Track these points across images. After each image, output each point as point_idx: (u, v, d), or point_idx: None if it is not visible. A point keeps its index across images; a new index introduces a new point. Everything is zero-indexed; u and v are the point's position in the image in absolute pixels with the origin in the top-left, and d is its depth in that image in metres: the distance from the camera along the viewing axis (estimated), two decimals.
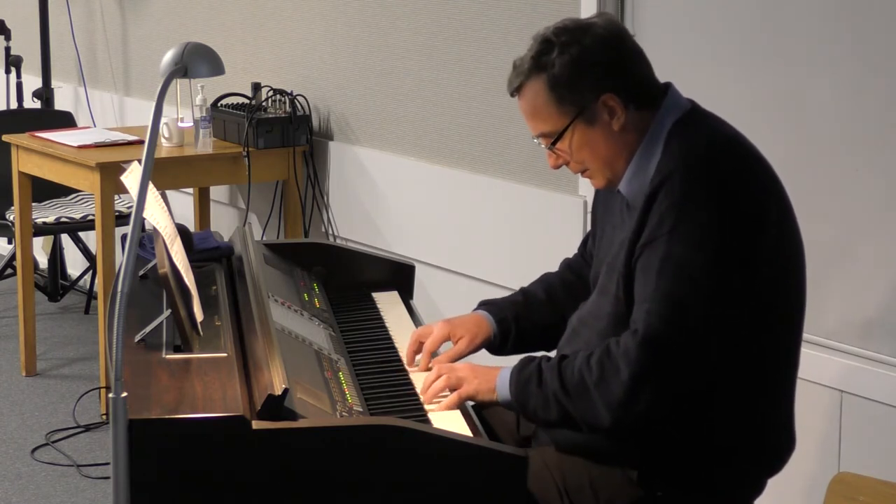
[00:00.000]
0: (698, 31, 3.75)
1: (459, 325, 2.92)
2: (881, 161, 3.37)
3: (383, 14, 4.84)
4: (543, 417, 2.59)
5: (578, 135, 2.61)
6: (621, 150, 2.62)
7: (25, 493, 4.43)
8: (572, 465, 2.64)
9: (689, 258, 2.47)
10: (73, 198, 5.86)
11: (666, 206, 2.49)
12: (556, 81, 2.58)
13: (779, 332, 2.61)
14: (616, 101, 2.58)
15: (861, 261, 3.42)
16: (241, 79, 5.40)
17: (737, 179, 2.54)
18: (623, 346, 2.49)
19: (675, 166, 2.52)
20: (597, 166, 2.65)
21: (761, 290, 2.53)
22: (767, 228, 2.53)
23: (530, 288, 2.98)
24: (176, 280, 2.67)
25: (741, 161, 2.58)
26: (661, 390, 2.48)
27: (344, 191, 5.10)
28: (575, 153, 2.63)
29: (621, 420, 2.49)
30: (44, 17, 6.21)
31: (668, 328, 2.46)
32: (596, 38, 2.59)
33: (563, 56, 2.57)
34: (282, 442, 2.40)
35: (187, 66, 2.62)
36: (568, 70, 2.57)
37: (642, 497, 2.60)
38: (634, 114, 2.61)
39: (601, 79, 2.58)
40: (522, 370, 2.62)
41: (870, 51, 3.36)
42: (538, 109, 2.62)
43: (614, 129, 2.60)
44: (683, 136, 2.58)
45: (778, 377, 2.64)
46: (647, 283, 2.50)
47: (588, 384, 2.51)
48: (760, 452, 2.63)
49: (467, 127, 4.55)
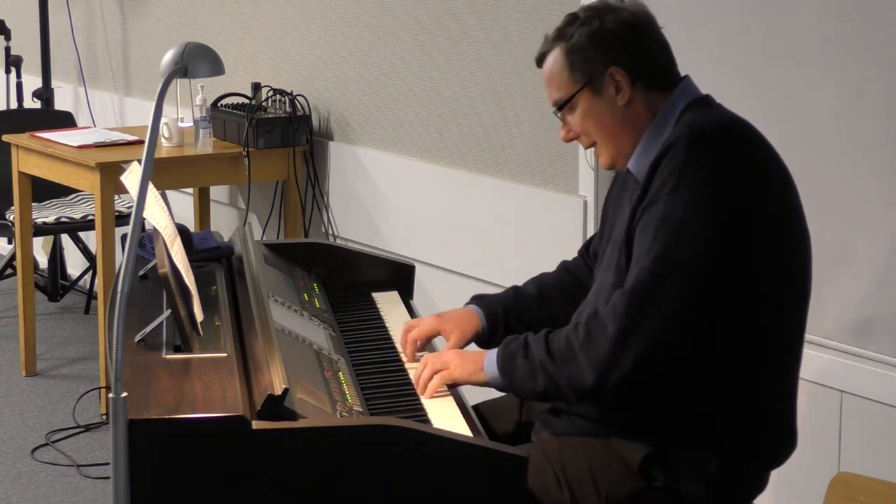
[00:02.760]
0: (699, 30, 3.75)
1: (449, 318, 2.96)
2: (881, 161, 3.37)
3: (383, 14, 4.84)
4: (531, 388, 2.61)
5: (585, 104, 2.68)
6: (626, 126, 2.67)
7: (25, 493, 4.43)
8: (572, 457, 2.65)
9: (686, 218, 2.50)
10: (73, 198, 5.86)
11: (669, 170, 2.53)
12: (572, 49, 2.68)
13: (779, 321, 2.61)
14: (623, 75, 2.65)
15: (861, 261, 3.42)
16: (241, 79, 5.41)
17: (742, 149, 2.58)
18: (611, 304, 2.51)
19: (681, 133, 2.57)
20: (601, 140, 2.70)
21: (759, 272, 2.54)
22: (769, 201, 2.55)
23: (523, 286, 3.02)
24: (176, 280, 2.67)
25: (747, 137, 2.62)
26: (646, 346, 2.48)
27: (344, 191, 5.10)
28: (581, 123, 2.70)
29: (606, 377, 2.50)
30: (44, 17, 6.21)
31: (656, 283, 2.48)
32: (619, 17, 2.69)
33: (583, 28, 2.68)
34: (282, 442, 2.40)
35: (187, 66, 2.62)
36: (584, 40, 2.67)
37: (642, 487, 2.61)
38: (643, 92, 2.67)
39: (612, 53, 2.66)
40: (509, 345, 2.66)
41: (871, 51, 3.36)
42: (553, 76, 2.71)
43: (619, 104, 2.66)
44: (695, 113, 2.63)
45: (778, 369, 2.64)
46: (643, 242, 2.53)
47: (574, 346, 2.53)
48: (760, 445, 2.64)
49: (467, 127, 4.55)
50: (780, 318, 2.61)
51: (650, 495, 2.62)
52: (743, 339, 2.57)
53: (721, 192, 2.51)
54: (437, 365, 2.74)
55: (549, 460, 2.66)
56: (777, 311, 2.60)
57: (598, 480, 2.63)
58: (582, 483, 2.63)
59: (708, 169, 2.52)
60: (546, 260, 3.29)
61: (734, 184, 2.52)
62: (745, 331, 2.57)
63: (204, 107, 5.13)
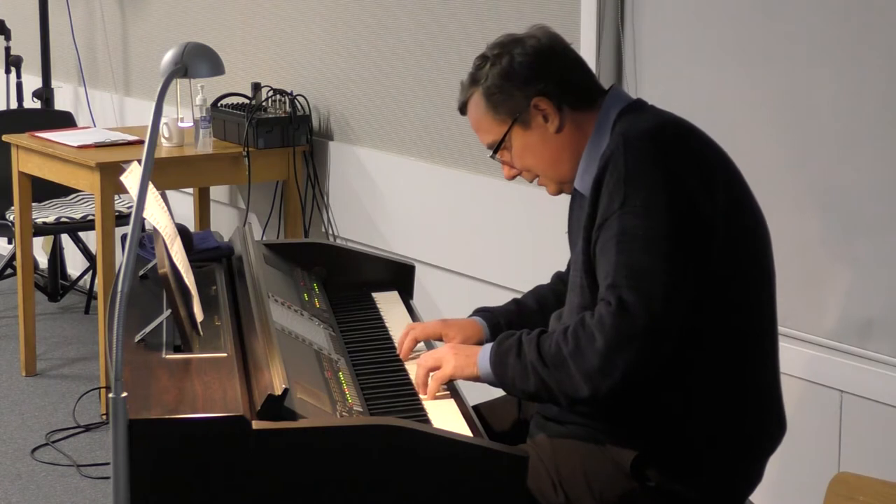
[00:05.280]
0: (698, 30, 3.75)
1: (453, 325, 2.96)
2: (881, 161, 3.36)
3: (383, 14, 4.84)
4: (522, 388, 2.61)
5: (518, 141, 2.72)
6: (562, 150, 2.70)
7: (25, 493, 4.43)
8: (566, 458, 2.66)
9: (641, 227, 2.51)
10: (73, 198, 5.86)
11: (613, 184, 2.55)
12: (490, 92, 2.71)
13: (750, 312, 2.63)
14: (547, 103, 2.68)
15: (861, 260, 3.42)
16: (241, 79, 5.41)
17: (678, 149, 2.60)
18: (598, 315, 2.52)
19: (616, 145, 2.58)
20: (543, 171, 2.74)
21: (720, 258, 2.56)
22: (716, 192, 2.57)
23: (522, 299, 3.04)
24: (176, 280, 2.67)
25: (682, 135, 2.65)
26: (636, 358, 2.49)
27: (344, 191, 5.10)
28: (519, 160, 2.75)
29: (598, 388, 2.51)
30: (44, 17, 6.21)
31: (638, 297, 2.49)
32: (527, 48, 2.71)
33: (495, 68, 2.71)
34: (282, 442, 2.40)
35: (187, 66, 2.62)
36: (498, 80, 2.70)
37: (636, 488, 2.62)
38: (572, 114, 2.69)
39: (530, 84, 2.68)
40: (502, 342, 2.66)
41: (870, 50, 3.36)
42: (480, 121, 2.76)
43: (551, 132, 2.69)
44: (627, 121, 2.65)
45: (757, 359, 2.66)
46: (608, 259, 2.53)
47: (564, 355, 2.54)
48: (749, 436, 2.65)
49: (467, 127, 4.51)
50: (752, 311, 2.64)
51: (644, 495, 2.62)
52: (722, 337, 2.60)
53: (669, 193, 2.53)
54: (430, 363, 2.75)
55: (543, 462, 2.67)
56: (746, 305, 2.62)
57: (592, 482, 2.63)
58: (576, 485, 2.64)
59: (650, 174, 2.54)
60: (545, 260, 3.29)
61: (679, 182, 2.54)
62: (723, 329, 2.60)
63: (204, 107, 5.13)
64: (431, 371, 2.74)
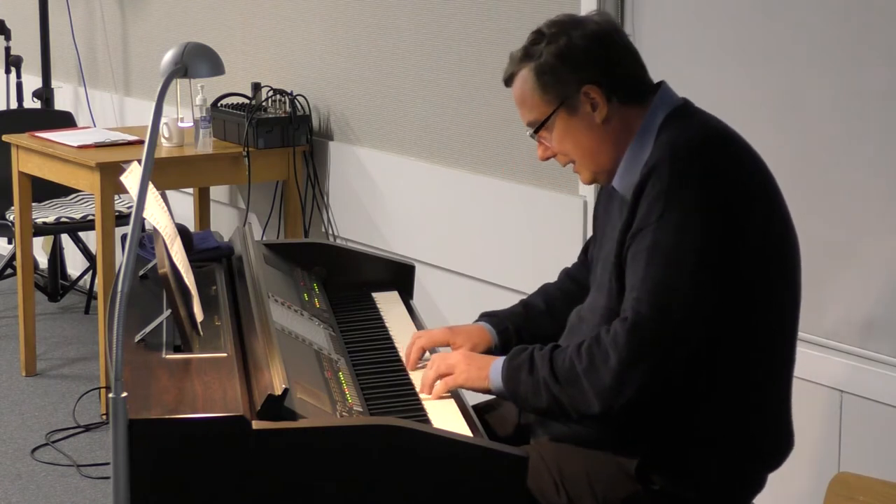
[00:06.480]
0: (698, 30, 3.75)
1: (460, 332, 2.94)
2: (881, 161, 3.36)
3: (383, 14, 4.84)
4: (534, 404, 2.61)
5: (561, 124, 2.66)
6: (604, 143, 2.65)
7: (25, 493, 4.43)
8: (569, 460, 2.65)
9: (676, 244, 2.49)
10: (73, 198, 5.86)
11: (654, 195, 2.52)
12: (542, 70, 2.64)
13: (771, 322, 2.61)
14: (598, 92, 2.62)
15: (861, 260, 3.42)
16: (241, 79, 5.41)
17: (722, 166, 2.57)
18: (612, 332, 2.51)
19: (662, 156, 2.55)
20: (580, 158, 2.69)
21: (750, 278, 2.54)
22: (755, 205, 2.55)
23: (530, 299, 3.00)
24: (176, 280, 2.67)
25: (727, 149, 2.61)
26: (649, 376, 2.49)
27: (344, 191, 5.10)
28: (558, 143, 2.68)
29: (610, 406, 2.50)
30: (44, 17, 6.21)
31: (656, 314, 2.48)
32: (586, 32, 2.64)
33: (551, 46, 2.63)
34: (282, 442, 2.40)
35: (187, 66, 2.62)
36: (553, 60, 2.63)
37: (639, 490, 2.61)
38: (620, 108, 2.64)
39: (584, 70, 2.62)
40: (515, 357, 2.64)
41: (870, 50, 3.36)
42: (525, 97, 2.68)
43: (596, 122, 2.64)
44: (673, 128, 2.61)
45: (772, 371, 2.64)
46: (636, 270, 2.52)
47: (578, 371, 2.53)
48: (756, 447, 2.64)
49: (467, 127, 4.55)
50: (774, 322, 2.62)
51: (647, 499, 2.61)
52: (738, 346, 2.58)
53: (708, 211, 2.51)
54: (443, 368, 2.73)
55: (546, 464, 2.66)
56: (769, 315, 2.60)
57: (596, 484, 2.62)
58: (579, 487, 2.63)
59: (694, 191, 2.51)
60: (546, 260, 3.29)
61: (720, 199, 2.52)
62: (741, 338, 2.57)
63: (204, 107, 5.13)
64: (442, 376, 2.74)
